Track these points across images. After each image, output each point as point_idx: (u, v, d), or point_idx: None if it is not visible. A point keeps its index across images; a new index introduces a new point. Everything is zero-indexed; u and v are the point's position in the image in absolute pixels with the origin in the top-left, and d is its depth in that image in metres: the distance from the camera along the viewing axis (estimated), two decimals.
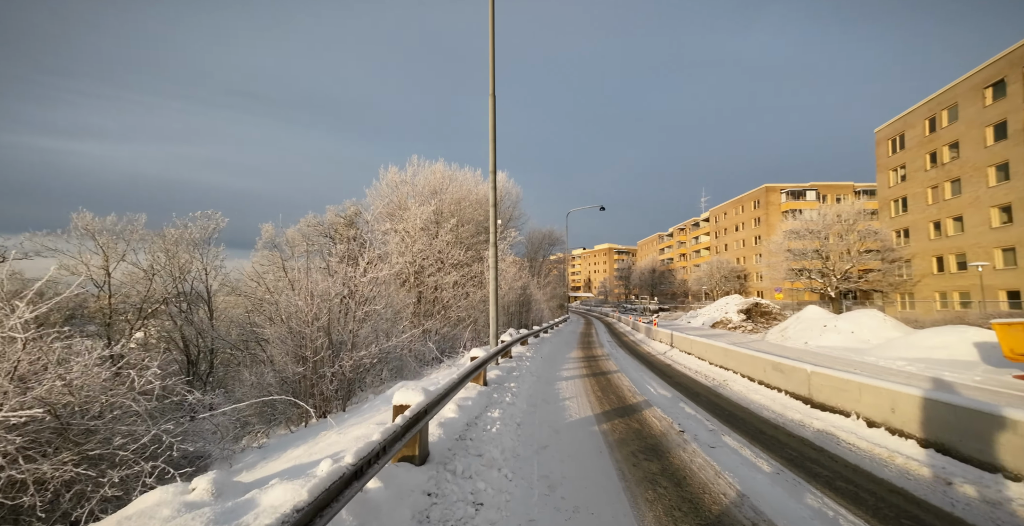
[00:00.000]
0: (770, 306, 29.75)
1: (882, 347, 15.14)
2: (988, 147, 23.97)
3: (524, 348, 12.34)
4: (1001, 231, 23.29)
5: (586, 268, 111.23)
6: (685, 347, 12.47)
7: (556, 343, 16.67)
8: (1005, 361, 12.05)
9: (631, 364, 10.98)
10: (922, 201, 28.53)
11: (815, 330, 18.88)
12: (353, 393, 8.78)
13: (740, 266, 50.07)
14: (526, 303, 30.76)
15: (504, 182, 41.67)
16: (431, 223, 22.79)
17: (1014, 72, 22.46)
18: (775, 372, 6.85)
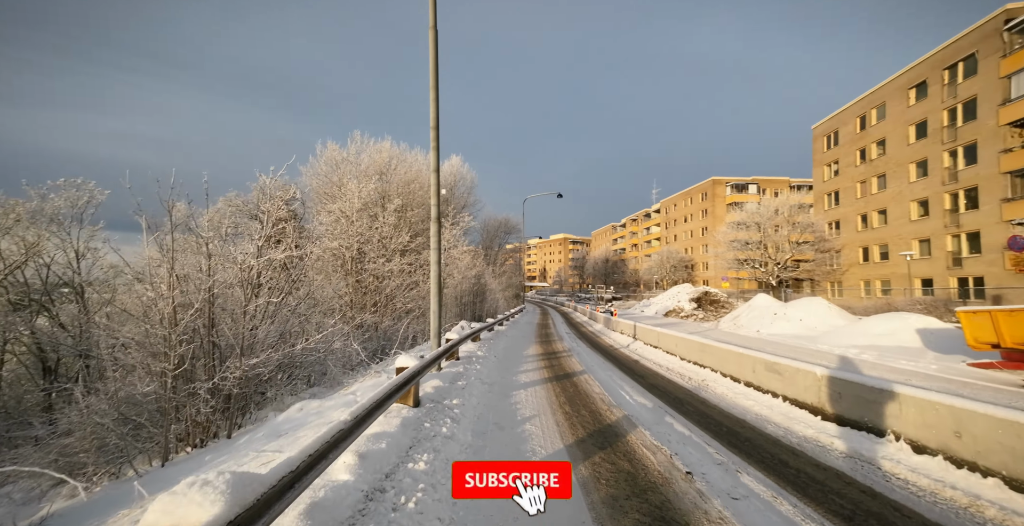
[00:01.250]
0: (718, 295, 30.43)
1: (830, 334, 15.30)
2: (910, 145, 25.58)
3: (476, 345, 10.70)
4: (919, 224, 25.08)
5: (542, 258, 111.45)
6: (651, 340, 11.50)
7: (513, 337, 15.21)
8: (947, 347, 12.34)
9: (596, 361, 9.75)
10: (852, 195, 30.29)
11: (766, 318, 19.05)
12: (249, 410, 6.73)
13: (688, 256, 51.74)
14: (480, 293, 29.08)
15: (459, 166, 39.33)
16: (373, 203, 20.28)
17: (934, 74, 23.91)
18: (769, 373, 5.78)
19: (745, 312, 20.66)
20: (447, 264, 23.09)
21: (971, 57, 21.92)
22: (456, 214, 25.02)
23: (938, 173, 23.72)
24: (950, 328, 12.76)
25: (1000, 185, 20.51)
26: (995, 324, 7.81)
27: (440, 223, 6.96)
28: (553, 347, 12.40)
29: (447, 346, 6.91)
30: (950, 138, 23.00)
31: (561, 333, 17.46)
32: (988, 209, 21.06)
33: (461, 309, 27.26)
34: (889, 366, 9.83)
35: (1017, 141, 20.15)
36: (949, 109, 23.13)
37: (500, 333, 15.51)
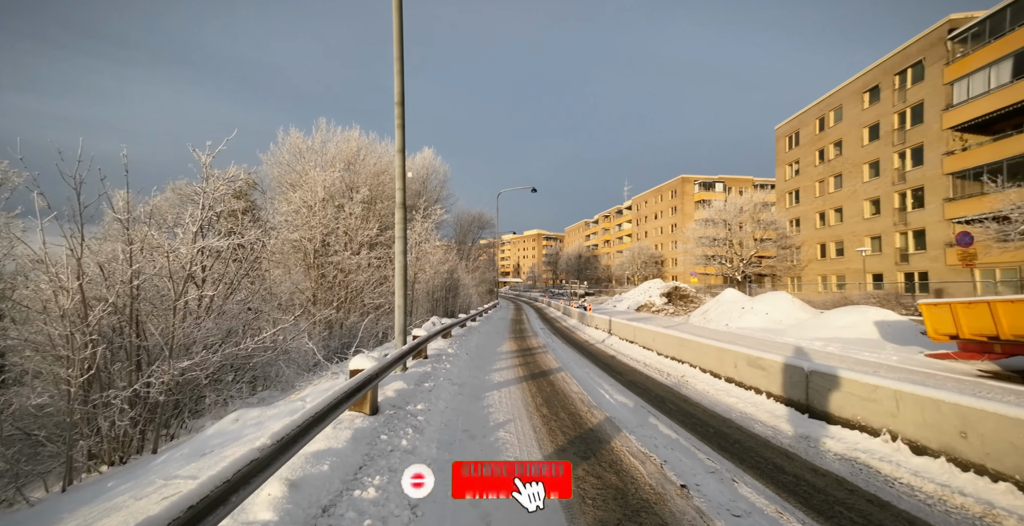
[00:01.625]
0: (688, 289, 31.08)
1: (795, 328, 15.72)
2: (864, 146, 26.88)
3: (447, 342, 10.10)
4: (871, 222, 26.45)
5: (515, 253, 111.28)
6: (626, 335, 11.27)
7: (486, 333, 14.68)
8: (903, 338, 12.87)
9: (572, 357, 9.38)
10: (811, 194, 31.63)
11: (734, 312, 19.46)
12: (183, 419, 5.87)
13: (658, 252, 52.84)
14: (453, 288, 28.32)
15: (431, 159, 38.20)
16: (339, 194, 19.12)
17: (886, 79, 25.15)
18: (752, 369, 5.55)
19: (714, 306, 21.05)
20: (418, 258, 22.22)
21: (918, 64, 23.14)
22: (428, 207, 24.11)
23: (889, 174, 25.03)
24: (904, 320, 13.34)
25: (943, 186, 21.83)
26: (954, 316, 8.01)
27: (406, 209, 6.30)
28: (528, 343, 11.96)
29: (413, 344, 6.29)
30: (900, 140, 24.28)
31: (535, 329, 17.10)
32: (933, 208, 22.40)
33: (433, 305, 26.43)
34: (854, 358, 10.04)
35: (958, 144, 21.47)
36: (899, 113, 24.39)
37: (473, 329, 14.95)
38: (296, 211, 16.04)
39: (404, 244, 6.32)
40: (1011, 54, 18.57)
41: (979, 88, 19.93)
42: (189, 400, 6.12)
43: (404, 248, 6.33)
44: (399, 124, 6.22)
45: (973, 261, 12.17)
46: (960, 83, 20.86)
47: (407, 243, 6.39)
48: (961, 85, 20.82)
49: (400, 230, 6.31)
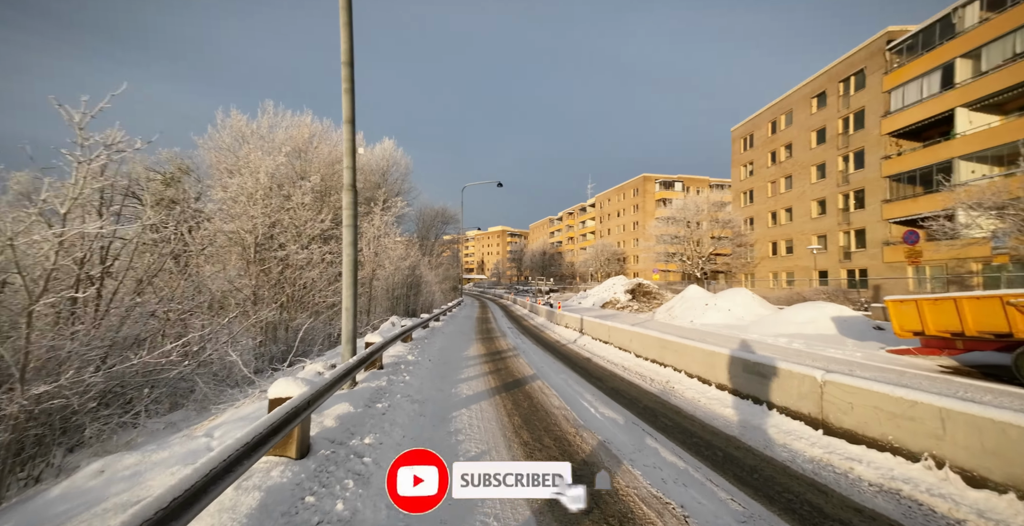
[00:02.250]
0: (651, 286, 31.48)
1: (757, 324, 15.98)
2: (812, 149, 28.33)
3: (407, 347, 8.99)
4: (817, 221, 27.95)
5: (480, 250, 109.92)
6: (600, 335, 10.69)
7: (450, 334, 13.63)
8: (859, 333, 13.27)
9: (546, 362, 8.60)
10: (764, 194, 33.06)
11: (698, 309, 19.66)
12: (50, 458, 4.44)
13: (621, 249, 53.74)
14: (415, 285, 26.85)
15: (392, 150, 36.22)
16: (288, 182, 17.19)
17: (832, 86, 26.55)
18: (749, 376, 4.99)
19: (679, 303, 21.23)
20: (376, 253, 20.65)
21: (861, 72, 24.53)
22: (388, 198, 22.50)
23: (834, 176, 26.48)
24: (858, 316, 13.84)
25: (882, 188, 23.30)
26: (920, 313, 8.06)
27: (356, 192, 5.17)
28: (497, 345, 11.07)
29: (364, 355, 5.21)
30: (843, 144, 25.71)
31: (503, 328, 16.25)
32: (872, 209, 23.88)
33: (393, 303, 24.87)
34: (820, 355, 10.03)
35: (895, 149, 22.98)
36: (843, 118, 25.81)
37: (436, 330, 13.83)
38: (234, 199, 14.09)
39: (354, 233, 5.20)
40: (940, 66, 19.97)
41: (913, 97, 21.35)
42: (63, 431, 4.68)
43: (354, 238, 5.21)
44: (347, 88, 5.08)
45: (919, 258, 12.73)
46: (897, 91, 22.27)
47: (358, 233, 5.27)
48: (898, 93, 22.23)
49: (349, 217, 5.19)
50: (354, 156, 5.11)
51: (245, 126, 20.56)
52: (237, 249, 13.43)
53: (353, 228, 5.15)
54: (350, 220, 5.12)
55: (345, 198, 5.07)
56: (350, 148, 5.14)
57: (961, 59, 18.98)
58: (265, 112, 21.03)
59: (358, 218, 5.21)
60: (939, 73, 20.04)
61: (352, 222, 5.14)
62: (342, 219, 18.73)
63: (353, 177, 5.13)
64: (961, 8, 19.01)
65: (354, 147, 5.10)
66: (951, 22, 19.49)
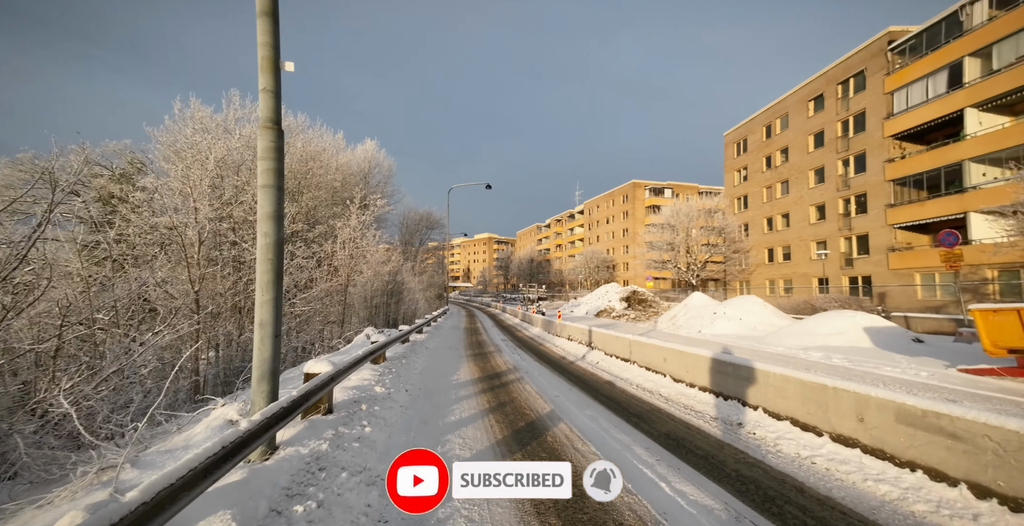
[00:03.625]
0: (646, 294, 29.96)
1: (776, 335, 14.40)
2: (810, 153, 27.55)
3: (377, 371, 6.90)
4: (817, 227, 27.02)
5: (465, 257, 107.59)
6: (617, 350, 8.80)
7: (436, 350, 11.52)
8: (898, 346, 11.75)
9: (560, 388, 6.65)
10: (759, 199, 32.19)
11: (705, 318, 18.06)
12: None
13: (610, 256, 52.46)
14: (397, 293, 24.57)
15: (374, 152, 34.17)
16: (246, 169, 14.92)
17: (829, 88, 25.89)
18: (914, 432, 3.16)
19: (682, 312, 19.63)
20: (352, 256, 18.41)
21: (860, 74, 23.88)
22: (367, 196, 20.33)
23: (833, 180, 25.64)
24: (893, 327, 12.37)
25: (885, 192, 22.43)
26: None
27: (280, 131, 3.17)
28: (493, 364, 9.05)
29: (286, 403, 3.15)
30: (843, 148, 24.92)
31: (496, 341, 14.21)
32: (875, 214, 22.97)
33: (371, 312, 22.51)
34: (876, 374, 8.39)
35: (898, 152, 22.18)
36: (842, 121, 25.08)
37: (419, 345, 11.68)
38: (175, 188, 11.76)
39: (277, 200, 3.18)
40: (947, 65, 19.26)
41: (918, 98, 20.60)
42: None
43: (276, 208, 3.19)
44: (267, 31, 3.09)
45: (958, 262, 11.38)
46: (900, 93, 21.55)
47: (282, 198, 3.21)
48: (901, 95, 21.50)
49: (269, 172, 3.18)
50: (277, 71, 3.12)
51: (209, 118, 18.18)
52: (174, 247, 11.09)
53: (275, 191, 3.14)
54: (270, 178, 3.12)
55: (261, 142, 3.08)
56: (271, 61, 3.14)
57: (970, 58, 18.26)
58: (230, 103, 18.73)
59: (282, 175, 3.20)
60: (946, 73, 19.32)
61: (274, 181, 3.14)
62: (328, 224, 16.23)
63: (275, 104, 3.13)
64: (969, 6, 18.37)
65: (276, 55, 3.10)
66: (958, 20, 18.83)
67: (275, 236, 3.10)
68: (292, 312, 15.43)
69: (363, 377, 6.20)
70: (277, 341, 3.14)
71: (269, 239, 3.09)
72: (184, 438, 3.74)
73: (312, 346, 15.51)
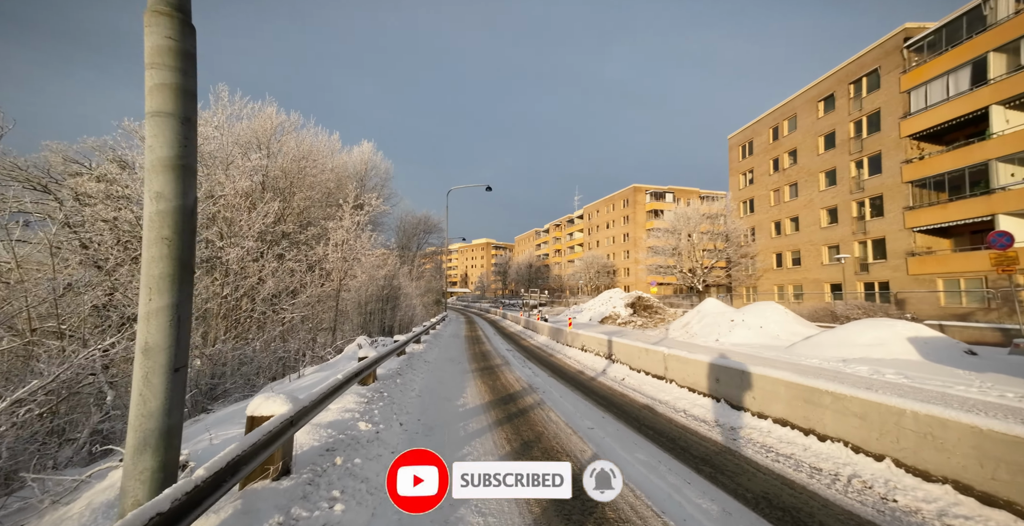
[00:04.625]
0: (651, 300, 28.73)
1: (803, 345, 13.13)
2: (820, 155, 26.60)
3: (364, 397, 5.55)
4: (828, 231, 25.97)
5: (463, 263, 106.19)
6: (646, 365, 7.51)
7: (436, 365, 10.16)
8: (954, 358, 10.45)
9: (589, 414, 5.35)
10: (766, 202, 31.19)
11: (722, 325, 16.80)
12: None
13: (611, 262, 51.31)
14: (392, 299, 23.16)
15: (370, 153, 33.03)
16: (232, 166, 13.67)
17: (841, 88, 25.02)
18: None
19: (695, 318, 18.38)
20: (345, 259, 17.08)
21: (874, 72, 23.01)
22: (361, 195, 19.03)
23: (846, 182, 24.65)
24: (940, 337, 11.13)
25: (903, 194, 21.42)
26: None
27: (185, 24, 1.89)
28: (502, 382, 7.72)
29: (209, 477, 1.87)
30: (856, 149, 23.97)
31: (501, 351, 12.86)
32: (892, 217, 21.93)
33: (366, 319, 21.09)
34: (949, 394, 7.14)
35: (916, 152, 21.21)
36: (855, 121, 24.16)
37: (416, 357, 10.29)
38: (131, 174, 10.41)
39: (182, 137, 1.90)
40: (969, 62, 18.36)
41: (938, 96, 19.68)
42: None
43: (182, 149, 1.90)
44: None
45: (1013, 266, 10.21)
46: (917, 91, 20.64)
47: (194, 132, 1.92)
48: (919, 93, 20.59)
49: (166, 92, 1.91)
50: None
51: (199, 118, 16.86)
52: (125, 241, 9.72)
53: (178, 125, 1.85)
54: (168, 100, 1.82)
55: (154, 34, 1.79)
56: None
57: (995, 53, 17.35)
58: (219, 100, 17.44)
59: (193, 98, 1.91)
60: (968, 69, 18.41)
61: (176, 106, 1.85)
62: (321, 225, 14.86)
63: None
64: None
65: None
66: (981, 14, 17.97)
67: (177, 201, 1.84)
68: (278, 318, 14.04)
69: (345, 406, 4.86)
70: (179, 379, 1.84)
71: (166, 205, 1.82)
72: (53, 522, 2.38)
73: (302, 356, 14.10)
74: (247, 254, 12.91)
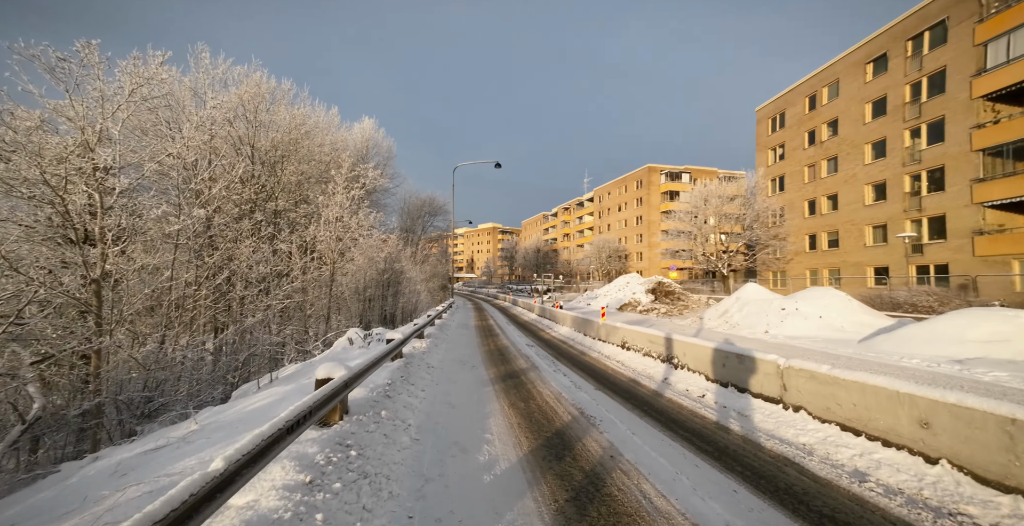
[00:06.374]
0: (673, 285, 26.25)
1: (885, 339, 10.66)
2: (866, 124, 23.49)
3: (326, 448, 3.25)
4: (874, 208, 23.12)
5: (469, 248, 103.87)
6: (753, 382, 5.16)
7: (441, 372, 7.86)
8: None
9: (717, 488, 3.08)
10: (798, 179, 28.21)
11: (771, 314, 14.35)
12: None
13: (623, 246, 48.65)
14: (394, 284, 20.92)
15: (372, 131, 30.35)
16: None
17: (896, 46, 21.71)
18: None
19: (734, 306, 15.96)
20: (339, 239, 14.78)
21: (940, 24, 19.70)
22: (356, 165, 16.52)
23: (898, 153, 21.66)
24: None
25: (971, 164, 18.49)
26: None
27: None
28: (537, 405, 5.41)
29: None
30: (912, 115, 20.88)
31: (520, 347, 10.58)
32: (956, 191, 19.06)
33: (364, 306, 18.92)
34: None
35: (990, 116, 18.15)
36: (912, 83, 20.98)
37: (417, 359, 7.99)
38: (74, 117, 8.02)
39: None
40: None
41: (1023, 47, 16.50)
42: None
43: None
44: None
45: None
46: (996, 43, 17.43)
47: None
48: (998, 45, 17.39)
49: None
50: None
51: (177, 81, 14.24)
52: None
53: None
54: None
55: None
56: None
57: None
58: (199, 63, 14.81)
59: None
60: None
61: None
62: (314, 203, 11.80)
63: None
64: None
65: None
66: None
67: None
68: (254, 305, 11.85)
69: (286, 477, 2.56)
70: None
71: None
72: None
73: (283, 350, 11.94)
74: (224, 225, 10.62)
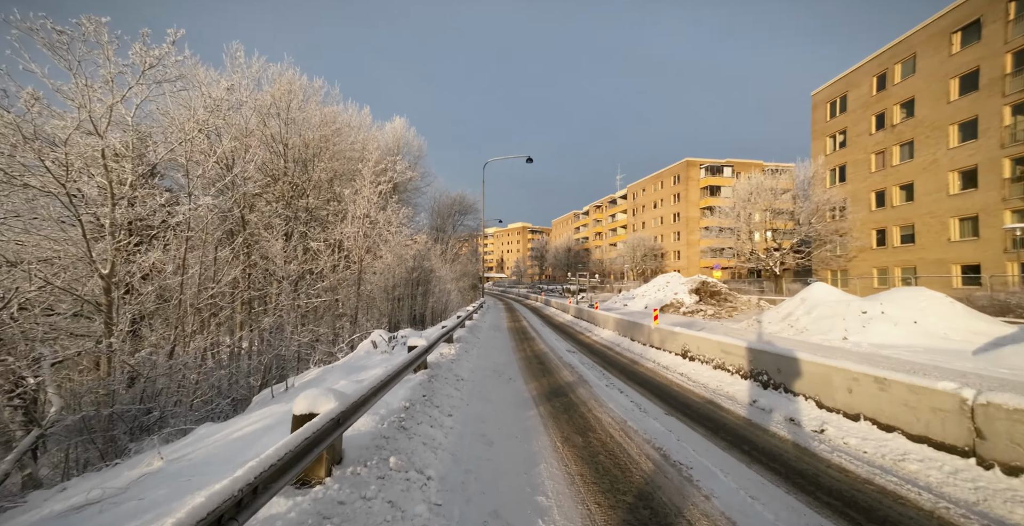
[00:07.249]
0: (719, 285, 23.99)
1: (1016, 353, 8.65)
2: (952, 102, 20.35)
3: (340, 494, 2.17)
4: (960, 198, 19.99)
5: (499, 248, 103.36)
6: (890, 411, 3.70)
7: (473, 385, 6.73)
8: None
9: None
10: (864, 169, 25.12)
11: (850, 318, 12.28)
12: None
13: (659, 244, 46.11)
14: (424, 283, 20.23)
15: (403, 130, 29.99)
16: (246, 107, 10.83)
17: (994, 9, 18.54)
18: None
19: (800, 309, 13.93)
20: (366, 236, 14.14)
21: None
22: (382, 160, 15.88)
23: (994, 134, 18.52)
24: None
25: None
26: None
27: None
28: (599, 441, 4.16)
29: None
30: (1015, 88, 17.76)
31: (562, 354, 9.36)
32: None
33: (393, 306, 18.30)
34: None
35: None
36: (1015, 51, 17.83)
37: (442, 373, 6.93)
38: None
39: None
40: None
41: None
42: None
43: None
44: None
45: None
46: None
47: None
48: None
49: None
50: None
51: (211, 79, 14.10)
52: None
53: None
54: None
55: None
56: None
57: None
58: (234, 61, 14.56)
59: None
60: None
61: None
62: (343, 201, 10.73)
63: None
64: None
65: None
66: None
67: None
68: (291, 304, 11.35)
69: None
70: None
71: None
72: None
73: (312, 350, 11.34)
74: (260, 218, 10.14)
